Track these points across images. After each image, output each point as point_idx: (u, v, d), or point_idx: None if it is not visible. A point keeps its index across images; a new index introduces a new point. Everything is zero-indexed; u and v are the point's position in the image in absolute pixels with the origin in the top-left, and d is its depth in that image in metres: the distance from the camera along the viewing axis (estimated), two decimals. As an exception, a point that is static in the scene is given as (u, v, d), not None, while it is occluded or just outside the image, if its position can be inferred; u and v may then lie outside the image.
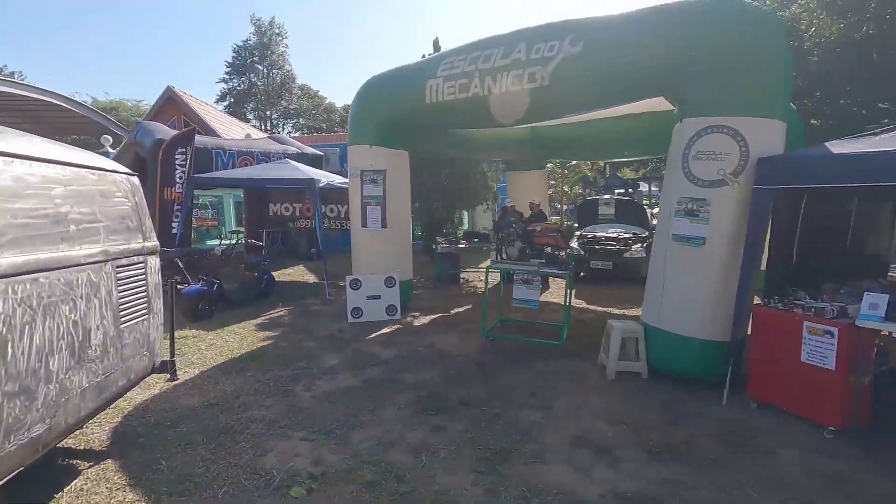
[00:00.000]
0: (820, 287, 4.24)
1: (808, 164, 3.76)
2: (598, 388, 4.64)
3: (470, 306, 7.95)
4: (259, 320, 6.92)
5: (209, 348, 5.66)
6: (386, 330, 6.50)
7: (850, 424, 3.61)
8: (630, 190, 39.63)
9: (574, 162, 18.39)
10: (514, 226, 6.21)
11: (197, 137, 10.69)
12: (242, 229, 13.85)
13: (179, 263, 7.61)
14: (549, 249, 6.13)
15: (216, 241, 16.74)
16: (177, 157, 8.88)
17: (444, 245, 9.32)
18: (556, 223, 13.41)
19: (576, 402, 4.32)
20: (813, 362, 3.67)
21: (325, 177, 9.38)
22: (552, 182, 18.46)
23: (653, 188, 34.46)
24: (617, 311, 7.59)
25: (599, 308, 7.83)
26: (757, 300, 4.76)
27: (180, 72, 69.36)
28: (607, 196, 10.80)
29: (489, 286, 6.67)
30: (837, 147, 3.79)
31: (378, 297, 6.95)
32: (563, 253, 6.04)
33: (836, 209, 4.64)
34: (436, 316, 7.30)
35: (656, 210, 13.58)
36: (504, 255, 6.20)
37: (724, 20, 4.34)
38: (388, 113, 6.83)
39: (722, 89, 4.29)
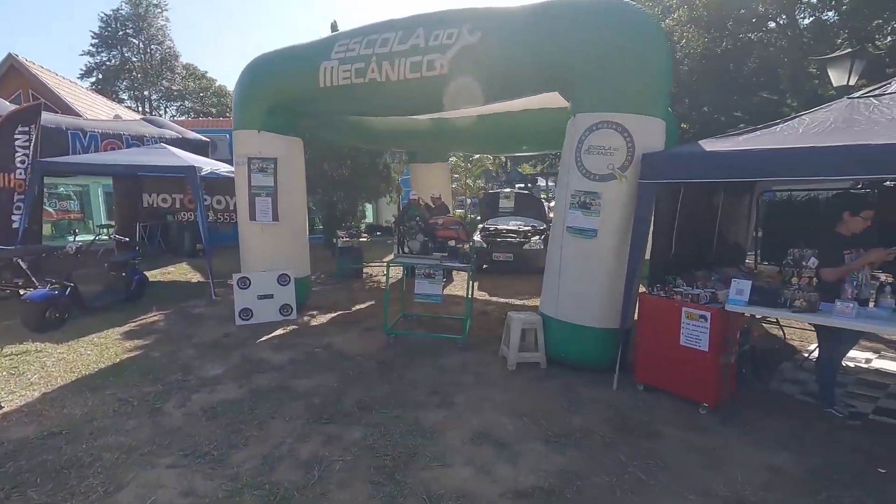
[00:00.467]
0: (693, 275, 4.59)
1: (687, 160, 4.02)
2: (499, 381, 4.63)
3: (372, 302, 7.66)
4: (126, 328, 6.04)
5: (57, 364, 4.78)
6: (279, 332, 6.00)
7: (721, 401, 3.94)
8: (529, 185, 41.56)
9: (477, 156, 18.72)
10: (416, 219, 6.03)
11: (48, 116, 9.11)
12: (113, 223, 12.18)
13: (21, 264, 6.39)
14: (451, 243, 6.06)
15: (83, 237, 14.67)
16: (16, 136, 7.46)
17: (346, 239, 8.91)
18: (460, 216, 13.54)
19: (478, 397, 4.26)
20: (690, 345, 3.95)
21: (209, 165, 8.47)
22: (455, 176, 18.64)
23: (550, 183, 36.46)
24: (518, 303, 7.77)
25: (501, 299, 7.96)
26: (642, 289, 5.07)
27: (27, 39, 59.58)
28: (507, 190, 11.06)
29: (391, 281, 6.45)
30: (709, 145, 4.10)
31: (270, 297, 6.40)
32: (465, 246, 6.01)
33: (707, 202, 5.07)
34: (336, 314, 6.91)
35: (552, 204, 14.29)
36: (406, 249, 6.00)
37: (610, 21, 4.49)
38: (279, 96, 6.27)
39: (610, 87, 4.45)
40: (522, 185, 13.88)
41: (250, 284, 6.30)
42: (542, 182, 42.02)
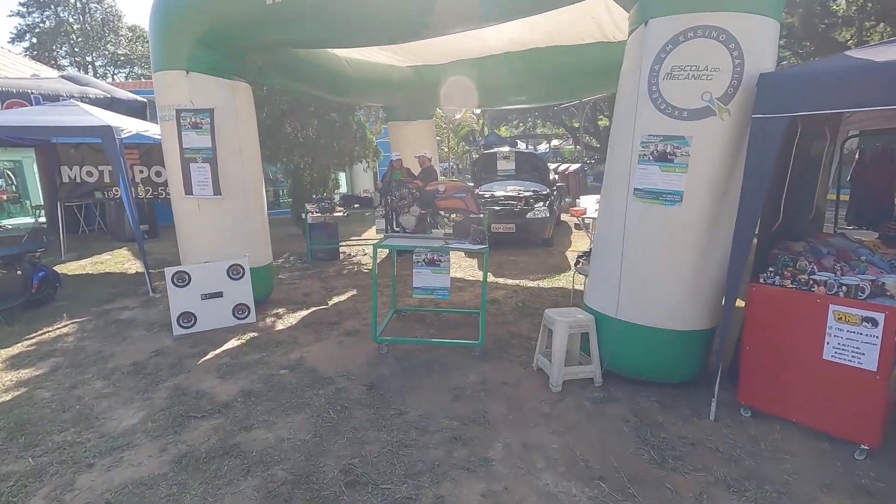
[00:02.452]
0: (787, 248, 3.27)
1: (843, 79, 2.59)
2: (543, 410, 3.28)
3: (354, 292, 6.17)
4: (15, 349, 4.42)
5: None
6: (232, 344, 4.49)
7: (884, 439, 2.68)
8: (509, 147, 39.82)
9: (459, 115, 16.98)
10: (408, 186, 4.51)
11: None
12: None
13: None
14: (454, 216, 4.60)
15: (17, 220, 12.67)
16: None
17: (316, 214, 7.31)
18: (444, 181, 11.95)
19: (520, 443, 2.90)
20: (842, 360, 2.64)
21: (137, 126, 6.67)
22: (437, 138, 16.92)
23: (530, 147, 34.89)
24: (531, 284, 6.41)
25: (509, 280, 6.59)
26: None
27: (-45, 1, 53.45)
28: (506, 149, 9.53)
29: (378, 265, 4.97)
30: (864, 55, 2.68)
31: (219, 295, 4.85)
32: (476, 219, 4.57)
33: (816, 149, 3.69)
34: (308, 311, 5.41)
35: (553, 166, 12.84)
36: (396, 227, 4.50)
37: None
38: (212, 20, 4.53)
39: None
40: (513, 145, 12.34)
41: (190, 281, 4.72)
42: (521, 145, 40.56)
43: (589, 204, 7.36)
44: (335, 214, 7.21)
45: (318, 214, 7.24)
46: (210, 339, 4.56)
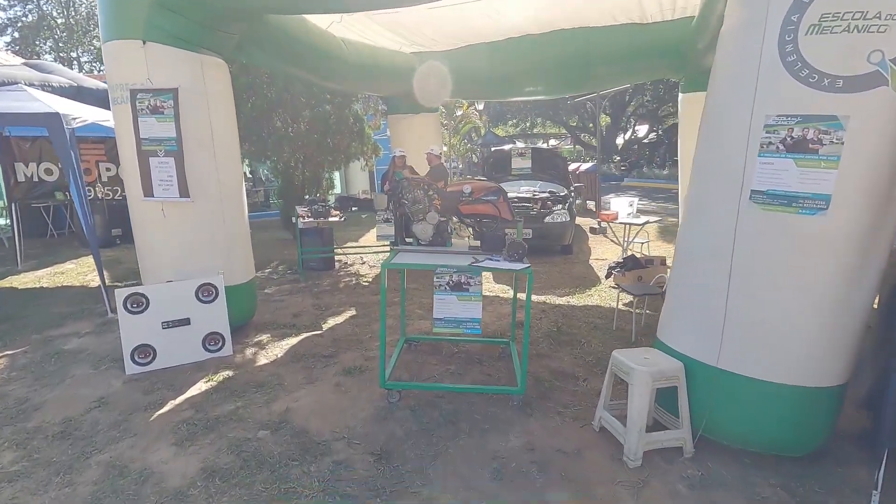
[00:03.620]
0: None
1: None
2: (621, 500, 2.35)
3: (353, 312, 5.21)
4: (-82, 396, 3.43)
5: None
6: (199, 387, 3.52)
7: None
8: (493, 147, 39.21)
9: (460, 111, 16.05)
10: (423, 186, 3.56)
11: None
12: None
13: None
14: (478, 222, 3.65)
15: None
16: None
17: (308, 218, 6.34)
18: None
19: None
20: None
21: (95, 115, 5.68)
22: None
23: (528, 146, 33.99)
24: (558, 300, 5.48)
25: (534, 297, 5.67)
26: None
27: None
28: (522, 146, 8.62)
29: (382, 284, 4.03)
30: None
31: (185, 323, 3.88)
32: (508, 230, 3.62)
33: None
34: (298, 339, 4.45)
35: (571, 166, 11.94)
36: (408, 237, 3.57)
37: None
38: (175, -22, 3.58)
39: None
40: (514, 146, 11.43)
41: (148, 305, 3.75)
42: (519, 145, 39.72)
43: (620, 207, 6.45)
44: (331, 219, 6.24)
45: (311, 219, 6.27)
46: (171, 381, 3.58)
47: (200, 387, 3.52)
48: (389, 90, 7.69)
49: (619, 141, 30.88)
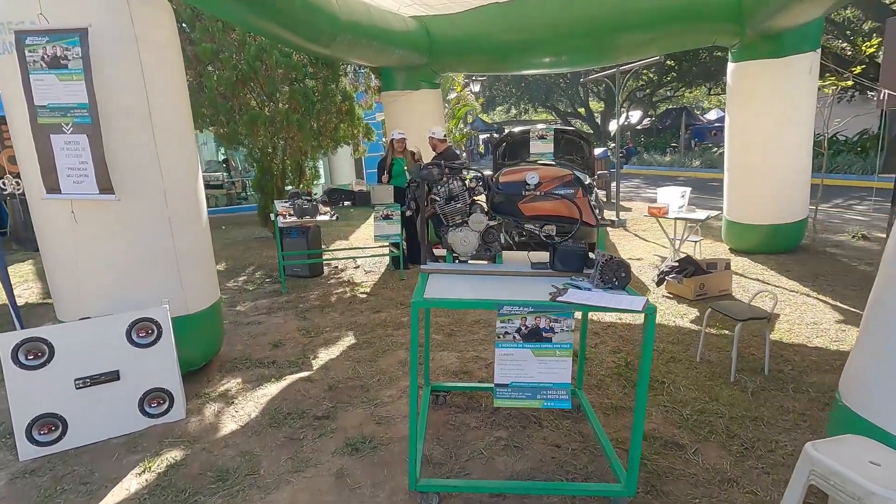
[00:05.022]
0: None
1: None
2: None
3: (351, 338, 4.03)
4: None
5: None
6: (127, 487, 2.32)
7: None
8: (496, 134, 38.01)
9: (454, 94, 14.76)
10: (461, 173, 2.41)
11: None
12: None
13: None
14: (545, 231, 2.50)
15: None
16: None
17: (290, 216, 5.10)
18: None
19: None
20: None
21: None
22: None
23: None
24: (608, 317, 4.38)
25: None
26: None
27: None
28: (541, 126, 7.43)
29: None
30: None
31: (112, 378, 2.66)
32: (585, 238, 2.49)
33: None
34: (278, 386, 3.26)
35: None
36: (435, 248, 2.40)
37: None
38: None
39: None
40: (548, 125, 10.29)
41: (53, 356, 2.52)
42: (539, 126, 38.43)
43: (670, 199, 5.36)
44: (320, 218, 5.01)
45: (291, 217, 5.03)
46: (85, 474, 2.37)
47: (130, 482, 2.32)
48: (384, 59, 6.42)
49: (613, 127, 29.95)
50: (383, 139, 10.79)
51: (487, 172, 2.54)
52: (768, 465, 2.40)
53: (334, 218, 4.95)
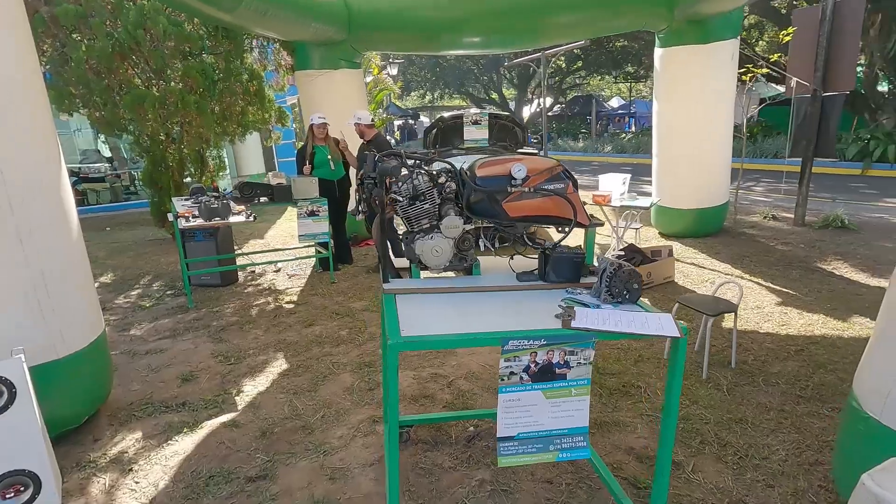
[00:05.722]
0: None
1: None
2: None
3: (282, 362, 3.39)
4: None
5: None
6: None
7: None
8: (411, 120, 37.08)
9: (370, 77, 13.98)
10: (427, 165, 1.93)
11: None
12: None
13: None
14: (534, 237, 2.11)
15: None
16: None
17: (193, 216, 4.25)
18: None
19: None
20: None
21: None
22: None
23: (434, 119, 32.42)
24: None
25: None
26: None
27: None
28: (475, 111, 7.05)
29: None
30: None
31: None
32: (578, 245, 2.15)
33: None
34: (194, 438, 2.58)
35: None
36: (398, 256, 1.90)
37: None
38: None
39: None
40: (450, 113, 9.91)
41: None
42: (424, 119, 37.86)
43: (612, 186, 5.25)
44: (233, 219, 4.22)
45: (195, 217, 4.19)
46: None
47: None
48: (298, 33, 5.64)
49: (526, 113, 30.61)
50: (295, 125, 9.83)
51: (459, 164, 2.07)
52: (769, 476, 2.23)
53: (251, 218, 4.19)
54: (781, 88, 12.71)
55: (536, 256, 2.02)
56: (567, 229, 1.96)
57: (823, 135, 6.04)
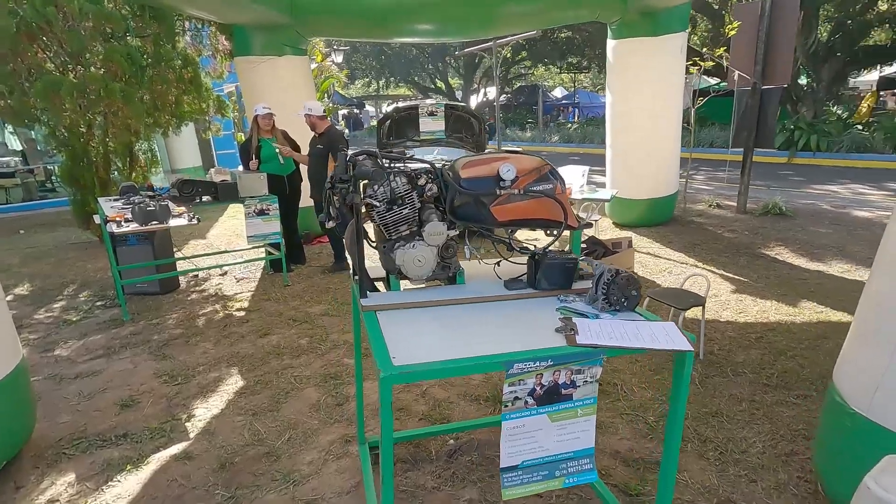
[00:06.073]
0: None
1: None
2: None
3: (236, 378, 3.09)
4: None
5: None
6: None
7: None
8: (357, 110, 36.10)
9: (315, 64, 13.39)
10: (402, 166, 1.74)
11: None
12: None
13: None
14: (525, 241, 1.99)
15: None
16: None
17: (126, 220, 3.79)
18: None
19: None
20: None
21: None
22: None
23: (386, 107, 31.76)
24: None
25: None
26: None
27: None
28: (431, 102, 6.83)
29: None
30: None
31: None
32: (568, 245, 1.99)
33: None
34: (138, 479, 2.27)
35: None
36: (385, 270, 1.71)
37: None
38: None
39: None
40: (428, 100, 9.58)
41: None
42: (370, 108, 36.98)
43: (573, 178, 5.24)
44: (174, 222, 3.80)
45: (129, 220, 3.75)
46: None
47: None
48: (236, 14, 5.20)
49: (473, 103, 30.61)
50: (234, 114, 9.21)
51: (439, 162, 1.89)
52: (750, 471, 2.24)
53: (195, 221, 3.80)
54: (713, 81, 13.38)
55: (521, 261, 1.89)
56: (557, 232, 1.83)
57: (763, 126, 6.33)
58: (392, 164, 1.79)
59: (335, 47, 14.21)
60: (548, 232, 1.89)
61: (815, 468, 2.14)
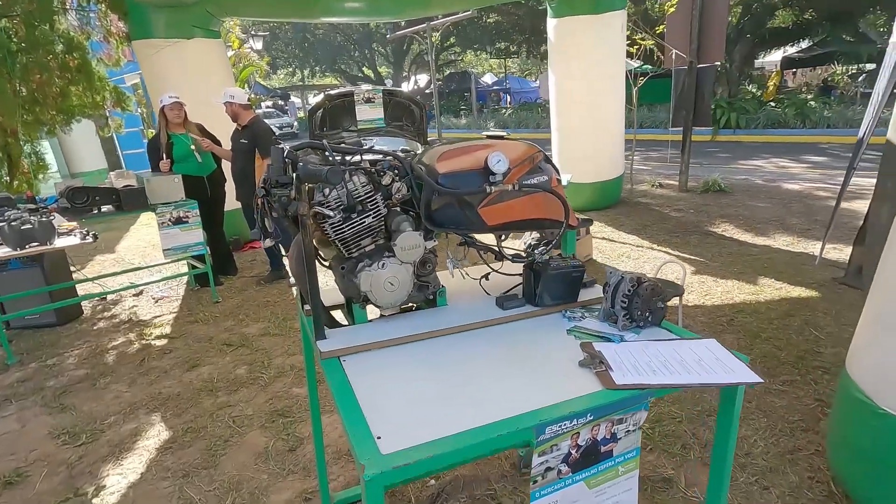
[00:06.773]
0: None
1: None
2: None
3: (160, 429, 2.53)
4: None
5: None
6: None
7: None
8: (281, 102, 34.38)
9: (232, 52, 12.29)
10: (380, 167, 1.32)
11: None
12: None
13: None
14: (514, 242, 1.64)
15: None
16: None
17: (3, 248, 3.04)
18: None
19: None
20: None
21: None
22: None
23: (312, 99, 30.26)
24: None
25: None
26: None
27: None
28: (367, 87, 6.28)
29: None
30: None
31: None
32: (563, 250, 1.71)
33: None
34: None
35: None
36: (345, 297, 1.30)
37: None
38: None
39: None
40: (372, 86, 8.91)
41: None
42: (296, 100, 35.13)
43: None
44: (61, 242, 3.09)
45: (4, 248, 3.01)
46: None
47: None
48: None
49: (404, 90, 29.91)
50: (140, 109, 8.16)
51: (401, 153, 1.50)
52: (760, 475, 2.07)
53: (89, 238, 3.11)
54: (635, 65, 13.72)
55: (510, 270, 1.55)
56: (557, 234, 1.50)
57: (699, 105, 6.40)
58: (346, 159, 1.36)
59: (253, 32, 13.14)
60: (543, 234, 1.55)
61: (834, 472, 1.98)
